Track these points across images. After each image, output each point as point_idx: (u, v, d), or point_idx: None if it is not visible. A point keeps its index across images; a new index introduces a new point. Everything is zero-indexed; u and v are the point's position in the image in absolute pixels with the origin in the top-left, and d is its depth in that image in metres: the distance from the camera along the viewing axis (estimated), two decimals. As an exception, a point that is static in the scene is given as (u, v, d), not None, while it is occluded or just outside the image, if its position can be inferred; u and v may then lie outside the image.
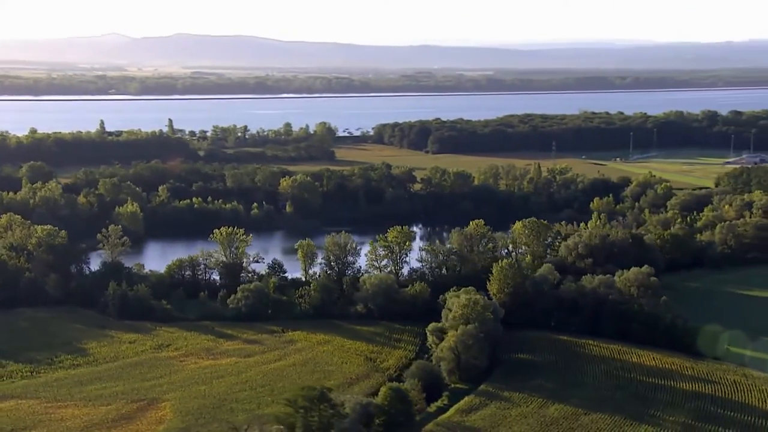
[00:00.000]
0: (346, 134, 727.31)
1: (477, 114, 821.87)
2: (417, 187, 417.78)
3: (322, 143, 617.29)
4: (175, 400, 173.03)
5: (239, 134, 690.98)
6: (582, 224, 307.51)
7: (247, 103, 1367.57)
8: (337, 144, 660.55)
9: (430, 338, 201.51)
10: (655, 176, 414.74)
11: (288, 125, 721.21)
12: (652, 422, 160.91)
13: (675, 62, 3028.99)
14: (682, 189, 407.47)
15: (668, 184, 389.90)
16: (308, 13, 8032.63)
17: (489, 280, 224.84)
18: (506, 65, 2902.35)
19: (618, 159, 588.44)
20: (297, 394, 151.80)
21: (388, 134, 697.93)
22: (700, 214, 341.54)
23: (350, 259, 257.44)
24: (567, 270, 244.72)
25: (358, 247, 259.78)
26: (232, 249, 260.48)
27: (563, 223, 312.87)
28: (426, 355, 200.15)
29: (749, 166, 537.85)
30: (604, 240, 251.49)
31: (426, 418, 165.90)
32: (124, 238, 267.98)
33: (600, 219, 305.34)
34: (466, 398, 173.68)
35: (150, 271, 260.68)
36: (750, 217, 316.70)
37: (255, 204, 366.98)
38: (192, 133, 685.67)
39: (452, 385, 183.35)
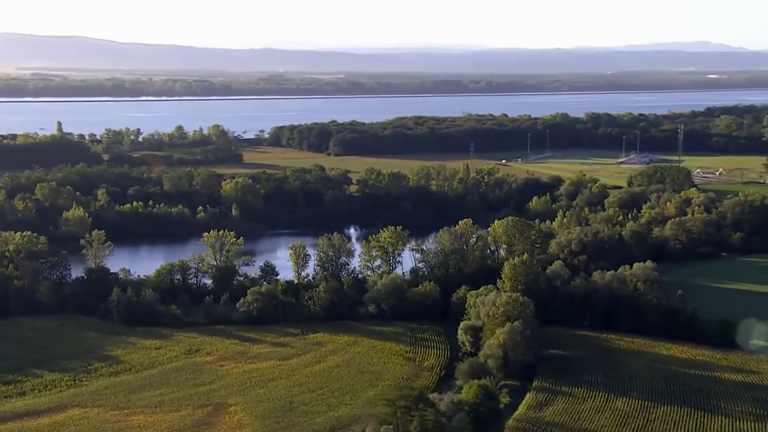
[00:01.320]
0: (238, 137, 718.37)
1: (355, 116, 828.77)
2: (352, 188, 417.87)
3: (228, 146, 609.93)
4: (242, 404, 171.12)
5: (132, 137, 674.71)
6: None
7: (110, 106, 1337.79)
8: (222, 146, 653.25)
9: (462, 336, 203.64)
10: (585, 175, 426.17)
11: (180, 128, 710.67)
12: (722, 413, 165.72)
13: (514, 67, 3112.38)
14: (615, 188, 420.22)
15: (601, 182, 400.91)
16: (143, 14, 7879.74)
17: (500, 277, 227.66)
18: (352, 69, 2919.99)
19: (520, 159, 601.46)
20: (396, 395, 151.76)
21: (286, 137, 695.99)
22: (639, 211, 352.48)
23: (343, 260, 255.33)
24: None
25: (353, 248, 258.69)
26: (223, 252, 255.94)
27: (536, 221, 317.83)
28: (461, 353, 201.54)
29: (640, 165, 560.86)
30: (595, 237, 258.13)
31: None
32: (108, 242, 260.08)
33: (566, 217, 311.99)
34: (528, 394, 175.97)
35: (139, 276, 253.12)
36: (694, 214, 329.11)
37: (200, 207, 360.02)
38: (81, 136, 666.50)
39: (501, 382, 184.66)
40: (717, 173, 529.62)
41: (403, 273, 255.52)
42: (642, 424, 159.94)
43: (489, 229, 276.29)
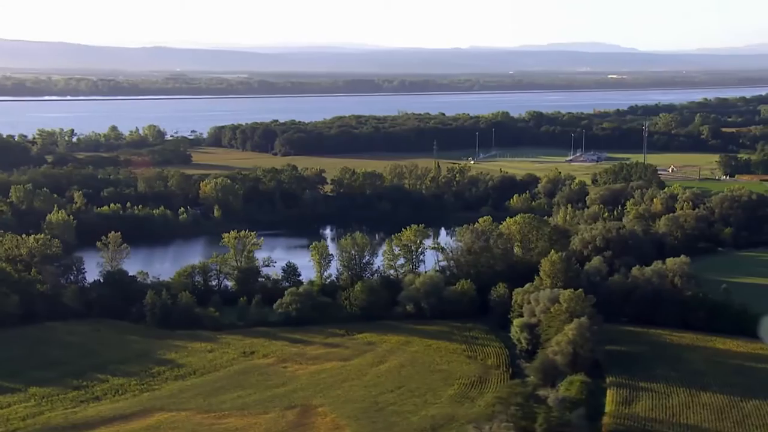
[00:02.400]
0: (173, 137, 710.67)
1: (278, 116, 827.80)
2: (327, 188, 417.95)
3: (176, 146, 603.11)
4: (327, 405, 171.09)
5: (66, 138, 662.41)
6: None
7: (14, 106, 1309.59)
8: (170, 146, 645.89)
9: (518, 334, 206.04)
10: (560, 173, 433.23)
11: (115, 128, 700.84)
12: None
13: (414, 66, 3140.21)
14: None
15: (581, 179, 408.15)
16: (26, 9, 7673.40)
17: (538, 274, 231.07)
18: (247, 68, 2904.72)
19: (471, 159, 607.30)
20: (507, 392, 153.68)
21: (227, 137, 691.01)
22: (623, 208, 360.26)
23: (367, 259, 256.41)
24: (583, 263, 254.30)
25: (377, 248, 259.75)
26: (244, 253, 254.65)
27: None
28: (517, 351, 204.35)
29: (590, 162, 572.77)
30: (618, 233, 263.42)
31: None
32: (124, 245, 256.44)
33: (567, 213, 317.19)
34: (609, 391, 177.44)
35: (154, 278, 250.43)
36: (684, 210, 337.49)
37: (182, 209, 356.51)
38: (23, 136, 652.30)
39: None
40: (669, 170, 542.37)
41: (425, 272, 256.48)
42: (740, 419, 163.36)
43: (500, 226, 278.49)
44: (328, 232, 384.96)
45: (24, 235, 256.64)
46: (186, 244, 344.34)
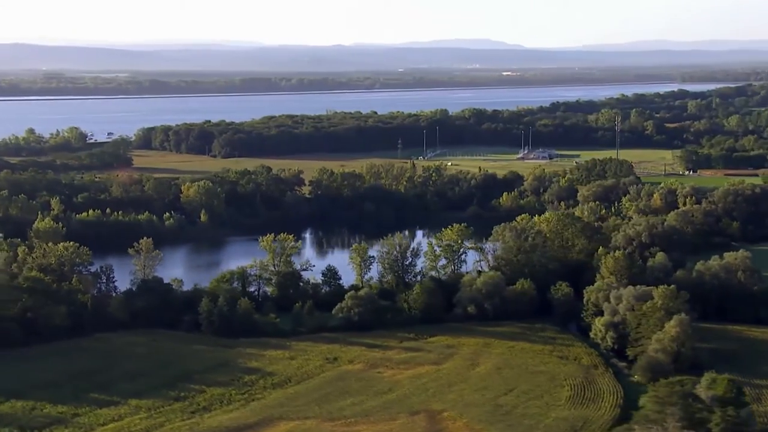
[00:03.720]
0: (106, 139, 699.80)
1: (195, 117, 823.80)
2: (305, 190, 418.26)
3: (117, 149, 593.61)
4: (450, 410, 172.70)
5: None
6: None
7: None
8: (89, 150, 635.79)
9: (602, 333, 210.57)
10: (545, 171, 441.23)
11: (32, 131, 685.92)
12: None
13: (301, 65, 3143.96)
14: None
15: (569, 176, 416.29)
16: None
17: (599, 272, 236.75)
18: (121, 66, 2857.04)
19: (421, 157, 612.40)
20: (665, 391, 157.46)
21: (158, 139, 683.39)
22: (618, 204, 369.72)
23: (409, 261, 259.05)
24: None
25: (419, 249, 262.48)
26: (282, 257, 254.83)
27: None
28: (604, 350, 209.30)
29: (542, 160, 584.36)
30: (663, 227, 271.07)
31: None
32: (156, 251, 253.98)
33: (588, 210, 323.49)
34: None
35: (197, 285, 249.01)
36: (685, 205, 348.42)
37: (167, 214, 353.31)
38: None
39: (677, 377, 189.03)
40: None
41: (467, 272, 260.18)
42: None
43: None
44: (313, 234, 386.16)
45: (50, 243, 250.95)
46: (176, 249, 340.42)
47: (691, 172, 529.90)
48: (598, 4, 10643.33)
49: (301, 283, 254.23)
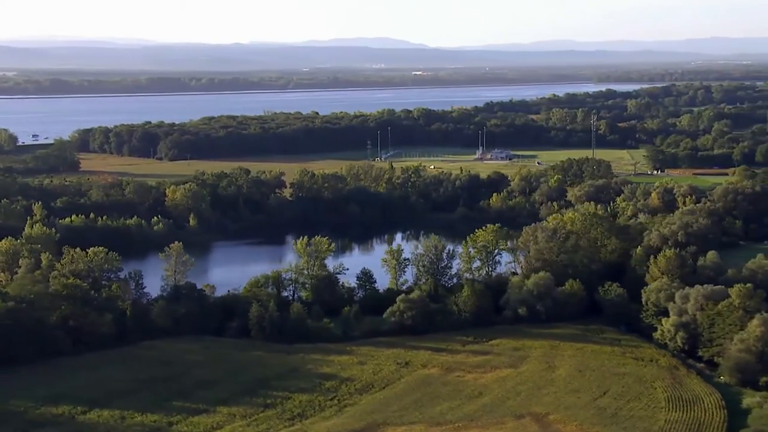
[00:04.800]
0: (33, 142, 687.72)
1: (108, 119, 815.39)
2: (286, 192, 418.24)
3: (63, 152, 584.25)
4: (556, 413, 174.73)
5: None
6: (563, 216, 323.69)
7: None
8: (20, 153, 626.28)
9: (672, 333, 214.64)
10: (531, 171, 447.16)
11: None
12: None
13: (200, 63, 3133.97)
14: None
15: (559, 176, 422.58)
16: None
17: (648, 272, 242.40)
18: (2, 63, 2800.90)
19: (378, 159, 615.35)
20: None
21: (97, 141, 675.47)
22: (614, 204, 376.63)
23: (445, 263, 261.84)
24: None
25: (454, 251, 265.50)
26: (316, 261, 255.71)
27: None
28: (673, 351, 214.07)
29: (501, 161, 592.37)
30: (697, 226, 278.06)
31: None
32: (187, 256, 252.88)
33: (595, 208, 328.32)
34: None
35: (233, 290, 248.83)
36: (685, 204, 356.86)
37: (155, 219, 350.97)
38: None
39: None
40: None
41: (501, 273, 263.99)
42: None
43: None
44: (300, 238, 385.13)
45: (77, 249, 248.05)
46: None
47: (659, 172, 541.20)
48: (497, 4, 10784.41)
49: (337, 287, 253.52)
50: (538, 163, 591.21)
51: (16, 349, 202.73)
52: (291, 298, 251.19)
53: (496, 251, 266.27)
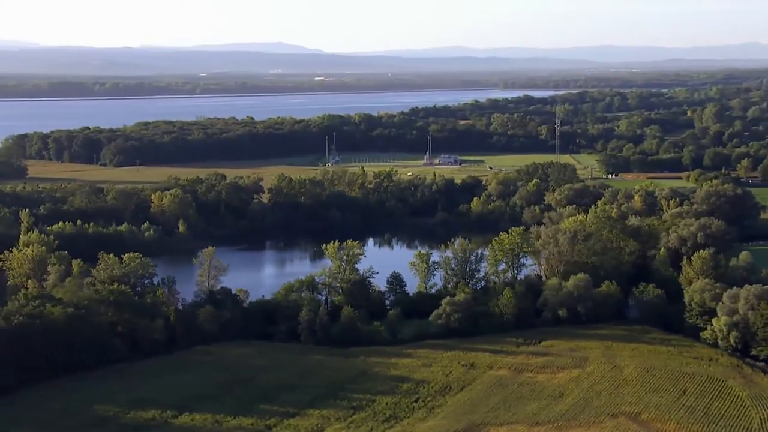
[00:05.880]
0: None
1: (39, 124, 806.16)
2: (264, 197, 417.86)
3: (8, 158, 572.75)
4: (648, 413, 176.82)
5: None
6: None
7: None
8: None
9: (723, 333, 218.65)
10: (510, 175, 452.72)
11: None
12: None
13: (91, 68, 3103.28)
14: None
15: (536, 180, 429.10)
16: None
17: (682, 272, 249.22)
18: None
19: (329, 164, 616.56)
20: None
21: (35, 147, 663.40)
22: (595, 207, 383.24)
23: (473, 266, 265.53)
24: (680, 258, 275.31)
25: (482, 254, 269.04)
26: (348, 265, 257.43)
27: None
28: (725, 350, 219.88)
29: (450, 165, 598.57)
30: (714, 227, 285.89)
31: None
32: (219, 261, 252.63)
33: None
34: None
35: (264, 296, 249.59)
36: (669, 207, 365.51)
37: (145, 225, 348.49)
38: None
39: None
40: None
41: (524, 277, 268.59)
42: None
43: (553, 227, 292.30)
44: (280, 243, 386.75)
45: (111, 255, 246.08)
46: (161, 262, 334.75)
47: (613, 176, 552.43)
48: (390, 11, 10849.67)
49: (371, 291, 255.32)
50: (490, 168, 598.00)
51: (80, 356, 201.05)
52: (325, 302, 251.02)
53: (521, 254, 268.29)
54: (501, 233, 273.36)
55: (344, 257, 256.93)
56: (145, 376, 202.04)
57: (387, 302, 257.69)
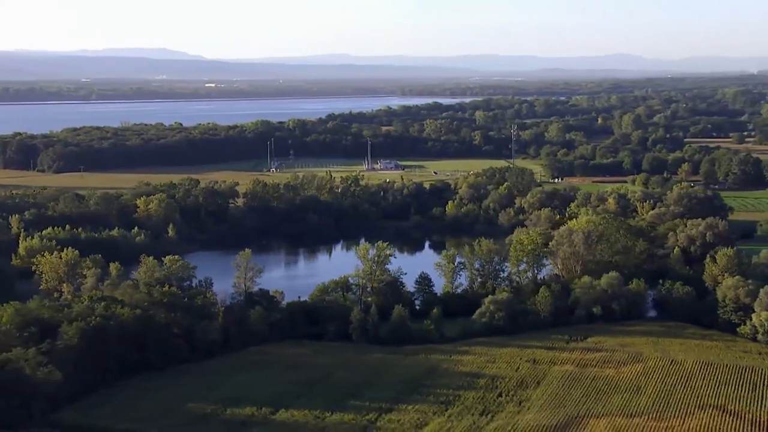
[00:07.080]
0: None
1: None
2: (239, 201, 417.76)
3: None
4: (733, 405, 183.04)
5: None
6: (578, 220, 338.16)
7: None
8: None
9: (765, 326, 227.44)
10: (476, 179, 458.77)
11: None
12: None
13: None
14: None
15: (507, 184, 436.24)
16: None
17: (705, 270, 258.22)
18: None
19: (274, 169, 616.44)
20: None
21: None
22: (568, 210, 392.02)
23: (497, 266, 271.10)
24: (692, 259, 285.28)
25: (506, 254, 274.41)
26: (379, 266, 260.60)
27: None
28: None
29: (392, 171, 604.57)
30: (720, 227, 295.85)
31: None
32: (254, 263, 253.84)
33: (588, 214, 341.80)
34: None
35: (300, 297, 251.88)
36: (644, 208, 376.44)
37: (135, 230, 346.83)
38: None
39: None
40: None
41: (544, 277, 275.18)
42: None
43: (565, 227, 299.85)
44: (258, 247, 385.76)
45: (150, 257, 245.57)
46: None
47: (559, 180, 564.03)
48: (276, 17, 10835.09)
49: (402, 291, 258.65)
50: (435, 172, 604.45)
51: (149, 356, 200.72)
52: (359, 302, 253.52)
53: (541, 254, 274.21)
54: (511, 235, 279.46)
55: (375, 258, 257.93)
56: (219, 376, 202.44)
57: (417, 302, 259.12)
